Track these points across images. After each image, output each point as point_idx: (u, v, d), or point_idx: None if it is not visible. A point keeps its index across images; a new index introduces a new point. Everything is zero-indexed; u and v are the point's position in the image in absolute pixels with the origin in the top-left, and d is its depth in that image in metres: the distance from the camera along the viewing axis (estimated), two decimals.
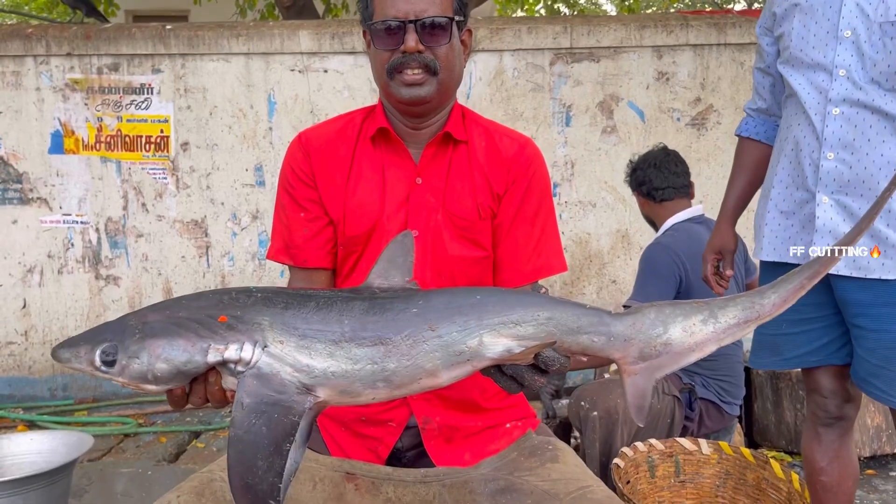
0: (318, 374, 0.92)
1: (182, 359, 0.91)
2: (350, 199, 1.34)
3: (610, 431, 2.38)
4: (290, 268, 1.41)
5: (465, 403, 1.34)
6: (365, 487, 1.27)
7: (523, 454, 1.32)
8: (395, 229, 1.33)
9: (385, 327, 0.94)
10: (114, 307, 4.14)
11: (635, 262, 4.18)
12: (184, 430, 3.62)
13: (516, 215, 1.35)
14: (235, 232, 4.13)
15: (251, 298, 0.96)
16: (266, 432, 0.89)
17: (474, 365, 0.95)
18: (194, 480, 1.21)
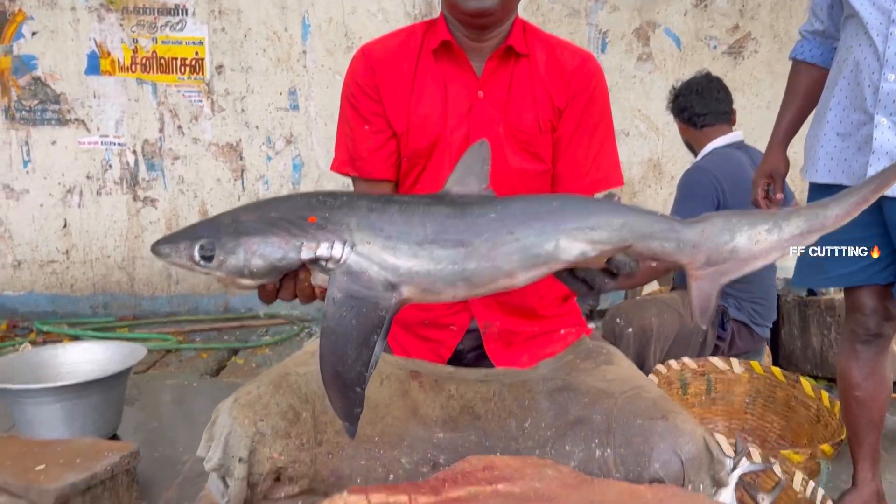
0: (403, 272, 0.98)
1: (276, 255, 0.97)
2: (413, 112, 1.38)
3: (643, 348, 2.45)
4: (354, 180, 1.46)
5: (524, 310, 1.41)
6: (429, 385, 1.35)
7: (579, 357, 1.39)
8: (458, 143, 1.37)
9: (466, 230, 0.99)
10: (151, 228, 4.24)
11: (666, 191, 4.20)
12: (223, 347, 3.76)
13: (576, 129, 1.38)
14: (270, 156, 4.17)
15: (337, 201, 1.01)
16: (355, 324, 0.96)
17: (550, 267, 1.00)
18: (271, 374, 1.29)
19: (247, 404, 1.20)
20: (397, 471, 1.26)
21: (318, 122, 4.14)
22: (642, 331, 2.45)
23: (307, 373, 1.30)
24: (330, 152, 4.14)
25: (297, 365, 1.33)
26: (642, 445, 1.18)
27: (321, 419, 1.25)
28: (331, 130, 4.16)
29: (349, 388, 0.97)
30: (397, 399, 1.33)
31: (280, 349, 3.79)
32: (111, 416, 2.44)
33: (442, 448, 1.28)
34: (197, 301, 4.33)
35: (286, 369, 1.31)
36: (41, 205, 4.21)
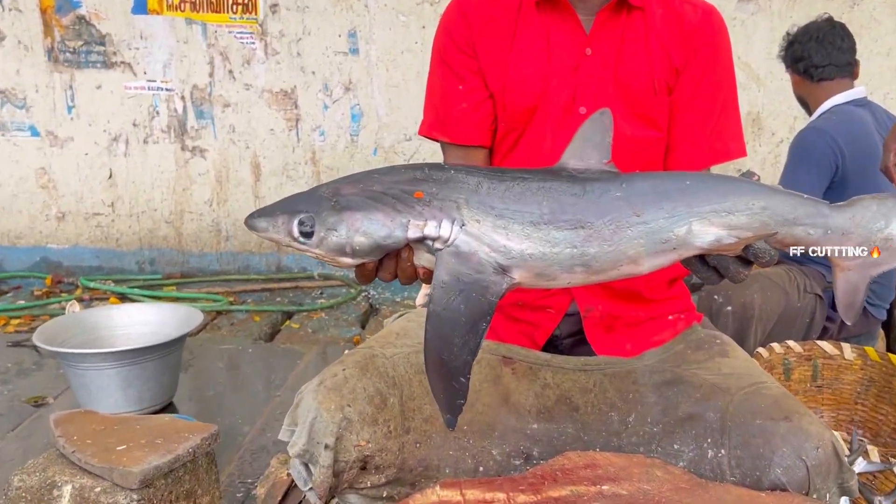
0: (515, 255, 0.98)
1: (381, 233, 0.98)
2: (512, 70, 1.36)
3: (743, 328, 2.42)
4: (443, 145, 1.46)
5: (629, 293, 1.40)
6: (522, 372, 1.36)
7: (690, 347, 1.38)
8: (562, 105, 1.35)
9: (586, 210, 0.98)
10: (200, 180, 4.32)
11: (766, 149, 4.09)
12: (276, 309, 3.84)
13: (695, 91, 1.35)
14: (327, 104, 4.19)
15: (445, 174, 1.02)
16: (463, 310, 0.97)
17: (680, 253, 1.00)
18: (356, 355, 1.31)
19: (333, 388, 1.23)
20: (487, 462, 1.28)
21: (380, 67, 4.13)
22: (743, 309, 2.41)
23: (394, 355, 1.32)
24: (392, 101, 4.15)
25: (382, 346, 1.35)
26: (762, 448, 1.17)
27: (409, 405, 1.27)
28: (393, 77, 4.15)
29: (454, 378, 0.99)
30: (488, 386, 1.34)
31: (336, 313, 3.86)
32: (167, 383, 2.53)
33: (536, 440, 1.29)
34: (247, 259, 4.42)
35: (372, 351, 1.33)
36: (86, 153, 4.32)
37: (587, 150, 1.06)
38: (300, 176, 4.29)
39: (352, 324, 3.71)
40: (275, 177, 4.30)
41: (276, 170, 4.29)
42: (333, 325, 3.68)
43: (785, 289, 2.47)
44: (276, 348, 3.30)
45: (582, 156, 1.06)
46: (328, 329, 3.63)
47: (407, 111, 4.16)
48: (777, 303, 2.44)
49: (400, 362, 1.31)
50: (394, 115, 4.20)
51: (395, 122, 4.20)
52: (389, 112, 4.19)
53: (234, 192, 4.34)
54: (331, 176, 4.29)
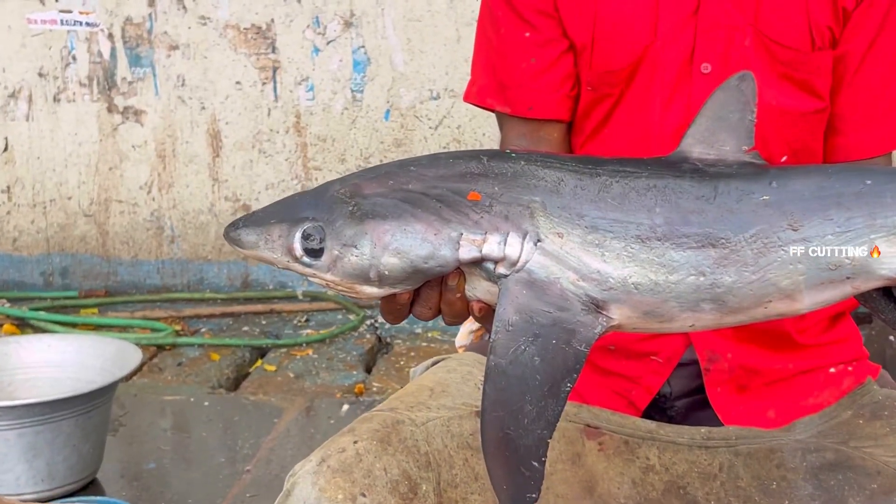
0: (615, 284, 0.99)
1: (422, 252, 0.99)
2: (604, 10, 1.37)
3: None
4: (502, 118, 1.47)
5: (772, 334, 1.40)
6: (614, 448, 1.36)
7: (862, 415, 1.37)
8: (676, 61, 1.36)
9: (719, 221, 0.99)
10: (135, 156, 4.38)
11: None
12: (243, 344, 3.89)
13: (874, 43, 1.35)
14: (318, 46, 4.23)
15: (511, 166, 1.03)
16: (539, 364, 0.98)
17: (856, 286, 1.00)
18: (374, 422, 1.32)
19: (341, 469, 1.24)
20: None
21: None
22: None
23: (428, 422, 1.33)
24: (412, 42, 4.17)
25: (410, 409, 1.36)
26: None
27: (449, 495, 1.28)
28: (415, 6, 4.17)
29: (523, 461, 1.00)
30: (564, 467, 1.34)
31: (329, 350, 3.88)
32: (89, 451, 2.56)
33: None
34: (201, 270, 4.46)
35: (396, 415, 1.34)
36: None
37: (719, 132, 1.07)
38: (278, 150, 4.34)
39: (352, 366, 3.73)
40: (242, 151, 4.35)
41: (243, 141, 4.34)
42: (325, 368, 3.70)
43: None
44: (244, 401, 3.34)
45: (712, 141, 1.06)
46: (318, 373, 3.65)
47: (434, 56, 4.18)
48: None
49: (436, 433, 1.31)
50: (415, 61, 4.22)
51: (417, 71, 4.23)
52: (409, 58, 4.22)
53: (182, 173, 4.39)
54: (323, 150, 4.32)
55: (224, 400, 3.33)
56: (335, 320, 4.18)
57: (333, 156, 4.30)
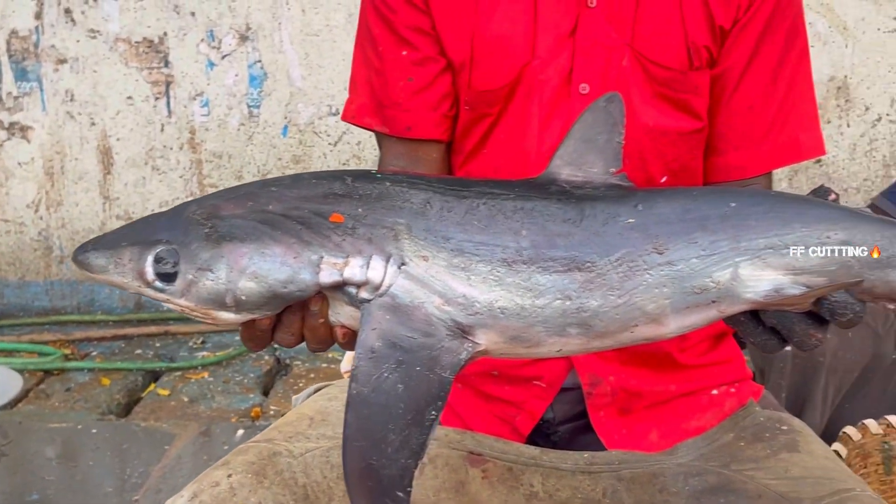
0: (481, 309, 0.98)
1: (281, 276, 0.98)
2: (482, 30, 1.37)
3: (807, 379, 2.45)
4: (382, 138, 1.46)
5: (653, 357, 1.41)
6: (498, 475, 1.36)
7: (744, 437, 1.39)
8: (554, 81, 1.36)
9: (585, 244, 0.99)
10: (21, 174, 4.29)
11: (857, 130, 4.16)
12: (134, 367, 3.82)
13: (751, 62, 1.37)
14: (213, 61, 4.19)
15: (376, 187, 1.02)
16: (403, 392, 0.97)
17: (721, 310, 1.01)
18: (249, 454, 1.31)
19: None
20: None
21: (293, 6, 4.13)
22: (808, 353, 2.44)
23: (307, 453, 1.32)
24: (310, 57, 4.16)
25: (287, 438, 1.35)
26: None
27: None
28: (313, 21, 4.15)
29: (388, 492, 0.98)
30: (447, 496, 1.35)
31: (226, 373, 3.83)
32: None
33: None
34: (92, 291, 4.37)
35: (273, 446, 1.33)
36: None
37: (587, 153, 1.07)
38: (172, 167, 4.28)
39: (249, 389, 3.69)
40: (134, 168, 4.28)
41: (136, 158, 4.27)
42: (222, 392, 3.66)
43: (875, 330, 2.50)
44: (134, 427, 3.28)
45: (580, 162, 1.07)
46: (213, 397, 3.60)
47: (333, 71, 4.16)
48: (861, 350, 2.47)
49: (315, 464, 1.31)
50: (313, 76, 4.20)
51: (315, 86, 4.20)
52: (307, 72, 4.19)
53: (72, 191, 4.31)
54: (219, 167, 4.28)
55: (114, 426, 3.27)
56: (232, 342, 4.11)
57: (230, 172, 4.25)
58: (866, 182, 4.18)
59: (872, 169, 4.18)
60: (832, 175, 4.15)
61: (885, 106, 4.13)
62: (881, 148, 4.15)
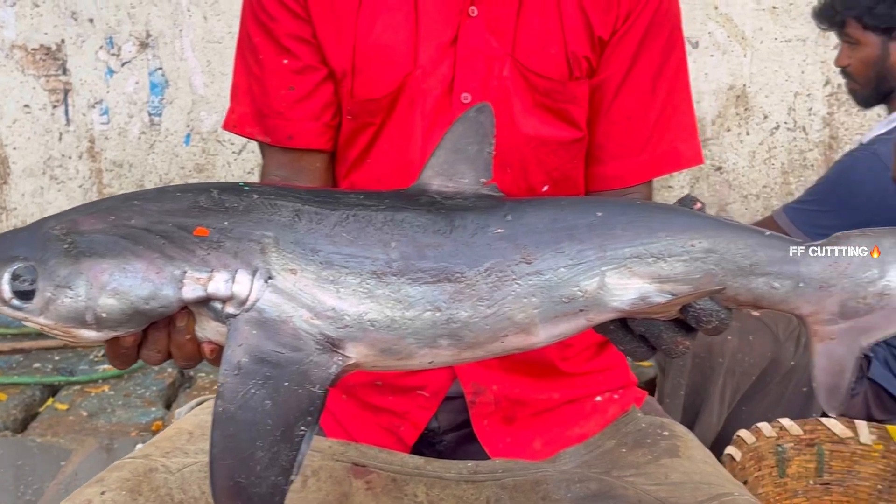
0: (350, 322, 0.97)
1: (142, 292, 0.96)
2: (364, 39, 1.38)
3: (705, 379, 2.49)
4: (265, 148, 1.46)
5: (536, 365, 1.42)
6: (382, 486, 1.36)
7: (625, 443, 1.41)
8: (436, 90, 1.37)
9: (454, 255, 0.99)
10: None
11: (756, 139, 4.25)
12: (32, 381, 3.73)
13: (630, 73, 1.39)
14: (112, 68, 4.14)
15: (243, 200, 1.01)
16: (271, 408, 0.95)
17: (589, 318, 1.01)
18: (124, 470, 1.29)
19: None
20: None
21: (194, 12, 4.11)
22: (708, 353, 2.48)
23: (184, 469, 1.31)
24: (212, 64, 4.13)
25: (165, 454, 1.34)
26: None
27: None
28: (214, 28, 4.13)
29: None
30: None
31: (128, 386, 3.77)
32: None
33: None
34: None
35: (149, 462, 1.31)
36: None
37: (458, 164, 1.07)
38: (71, 176, 4.23)
39: (151, 402, 3.64)
40: (32, 178, 4.22)
41: (33, 167, 4.22)
42: (122, 405, 3.59)
43: (776, 334, 2.54)
44: (30, 443, 3.20)
45: (451, 173, 1.07)
46: (114, 411, 3.53)
47: None
48: (761, 353, 2.51)
49: (193, 480, 1.29)
50: (216, 84, 4.18)
51: (218, 94, 4.18)
52: (209, 80, 4.17)
53: None
54: (119, 176, 4.23)
55: (9, 443, 3.19)
56: None
57: (130, 182, 4.20)
58: (766, 189, 4.27)
59: (771, 176, 4.27)
60: (732, 182, 4.23)
61: (783, 114, 4.22)
62: (780, 155, 4.25)
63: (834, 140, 4.28)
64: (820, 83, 4.11)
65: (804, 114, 4.24)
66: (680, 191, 4.25)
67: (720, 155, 4.22)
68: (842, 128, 4.23)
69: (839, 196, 2.58)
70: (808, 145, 4.27)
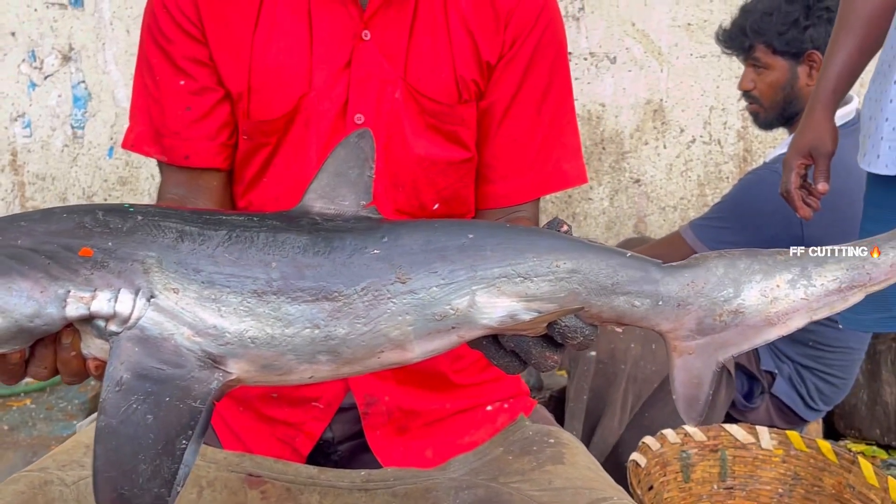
0: (232, 339, 1.00)
1: (26, 310, 0.97)
2: (259, 61, 1.40)
3: (608, 384, 2.54)
4: (163, 167, 1.48)
5: (428, 377, 1.46)
6: (276, 496, 1.38)
7: (512, 451, 1.44)
8: (330, 112, 1.40)
9: (333, 275, 1.02)
10: None
11: (672, 151, 4.32)
12: None
13: (516, 96, 1.43)
14: (35, 81, 4.11)
15: (128, 221, 1.03)
16: (152, 422, 0.97)
17: (461, 335, 1.05)
18: (20, 484, 1.30)
19: None
20: None
21: (117, 26, 4.09)
22: (611, 359, 2.53)
23: (80, 481, 1.32)
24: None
25: (61, 467, 1.35)
26: None
27: None
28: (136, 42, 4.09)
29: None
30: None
31: (50, 399, 3.74)
32: None
33: None
34: None
35: (45, 475, 1.33)
36: None
37: (339, 187, 1.10)
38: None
39: (72, 415, 3.61)
40: None
41: None
42: (44, 419, 3.57)
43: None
44: None
45: (332, 196, 1.10)
46: (35, 424, 3.51)
47: None
48: (663, 361, 2.55)
49: (88, 492, 1.30)
50: None
51: None
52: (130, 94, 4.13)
53: None
54: (42, 189, 4.19)
55: None
56: None
57: (54, 195, 4.17)
58: (683, 200, 4.34)
59: (688, 188, 4.34)
60: (650, 194, 4.29)
61: (699, 128, 4.29)
62: (696, 168, 4.32)
63: (748, 153, 4.36)
64: (734, 97, 4.17)
65: (719, 127, 4.32)
66: (599, 203, 4.31)
67: (638, 167, 4.28)
68: (755, 141, 4.31)
69: (742, 214, 2.64)
70: (724, 158, 4.35)
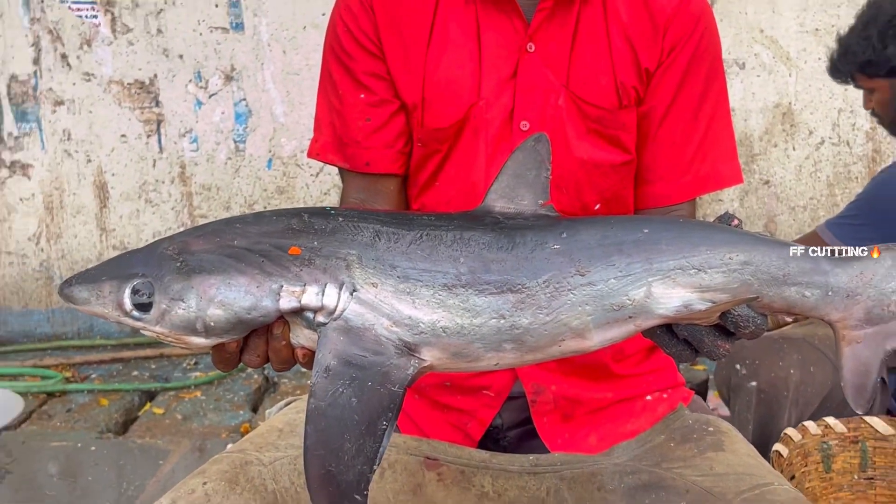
0: (425, 329, 1.04)
1: (245, 303, 1.03)
2: (432, 74, 1.43)
3: (773, 413, 2.48)
4: (343, 173, 1.52)
5: (591, 367, 1.47)
6: (452, 478, 1.41)
7: (674, 438, 1.45)
8: (497, 120, 1.42)
9: (516, 269, 1.05)
10: (22, 208, 4.32)
11: (801, 153, 4.24)
12: (131, 388, 3.84)
13: (674, 101, 1.43)
14: (201, 100, 4.24)
15: (330, 222, 1.08)
16: (357, 405, 1.02)
17: (637, 324, 1.07)
18: (223, 463, 1.35)
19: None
20: None
21: (274, 48, 4.20)
22: (773, 387, 2.47)
23: (276, 461, 1.37)
24: (291, 94, 4.21)
25: (260, 449, 1.40)
26: None
27: None
28: (293, 61, 4.21)
29: (346, 496, 1.02)
30: (406, 498, 1.40)
31: (218, 391, 3.86)
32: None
33: None
34: (92, 317, 4.37)
35: (245, 455, 1.38)
36: None
37: (518, 188, 1.13)
38: (164, 199, 4.33)
39: (239, 406, 3.72)
40: (129, 202, 4.33)
41: (130, 191, 4.33)
42: (213, 409, 3.68)
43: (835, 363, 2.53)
44: (131, 444, 3.30)
45: (512, 196, 1.13)
46: (205, 414, 3.63)
47: (313, 107, 4.04)
48: (822, 382, 2.49)
49: (283, 471, 1.35)
50: (295, 112, 4.27)
51: (297, 122, 4.27)
52: (289, 109, 4.26)
53: (70, 224, 4.35)
54: (208, 198, 4.32)
55: (112, 444, 3.29)
56: None
57: (218, 204, 4.31)
58: (812, 201, 4.26)
59: (817, 189, 4.26)
60: (780, 195, 4.22)
61: (828, 130, 4.21)
62: (825, 169, 4.23)
63: (877, 153, 4.26)
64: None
65: (847, 129, 4.22)
66: (730, 204, 4.26)
67: (768, 169, 4.22)
68: (884, 142, 4.20)
69: (877, 210, 2.58)
70: (853, 159, 4.25)
